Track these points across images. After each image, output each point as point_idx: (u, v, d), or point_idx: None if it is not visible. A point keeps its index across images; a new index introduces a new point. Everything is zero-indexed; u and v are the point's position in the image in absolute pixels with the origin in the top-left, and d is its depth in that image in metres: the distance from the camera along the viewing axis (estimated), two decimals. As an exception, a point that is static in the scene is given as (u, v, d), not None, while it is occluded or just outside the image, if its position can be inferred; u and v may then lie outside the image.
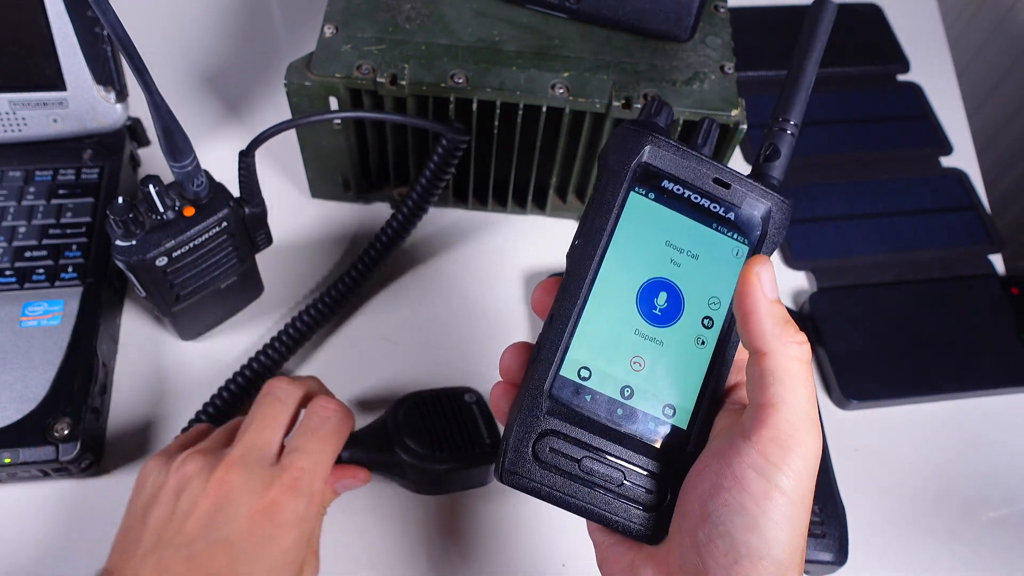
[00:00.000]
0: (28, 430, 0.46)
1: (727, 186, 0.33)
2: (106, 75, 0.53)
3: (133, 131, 0.60)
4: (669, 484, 0.32)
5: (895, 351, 0.56)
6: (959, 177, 0.66)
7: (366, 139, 0.56)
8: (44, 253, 0.52)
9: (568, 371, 0.32)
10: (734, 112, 0.50)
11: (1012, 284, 0.60)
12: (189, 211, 0.45)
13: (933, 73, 0.73)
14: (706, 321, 0.33)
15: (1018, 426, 0.56)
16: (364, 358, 0.55)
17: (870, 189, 0.65)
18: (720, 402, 0.33)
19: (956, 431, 0.55)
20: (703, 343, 0.33)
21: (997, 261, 0.62)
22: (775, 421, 0.29)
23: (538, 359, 0.32)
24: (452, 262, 0.60)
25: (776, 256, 0.62)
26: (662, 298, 0.33)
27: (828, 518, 0.48)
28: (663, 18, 0.51)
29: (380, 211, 0.62)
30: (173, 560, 0.37)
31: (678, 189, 0.33)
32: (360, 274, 0.55)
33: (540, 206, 0.61)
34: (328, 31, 0.51)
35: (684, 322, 0.33)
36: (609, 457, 0.32)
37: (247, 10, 0.72)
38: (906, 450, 0.54)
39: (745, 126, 0.50)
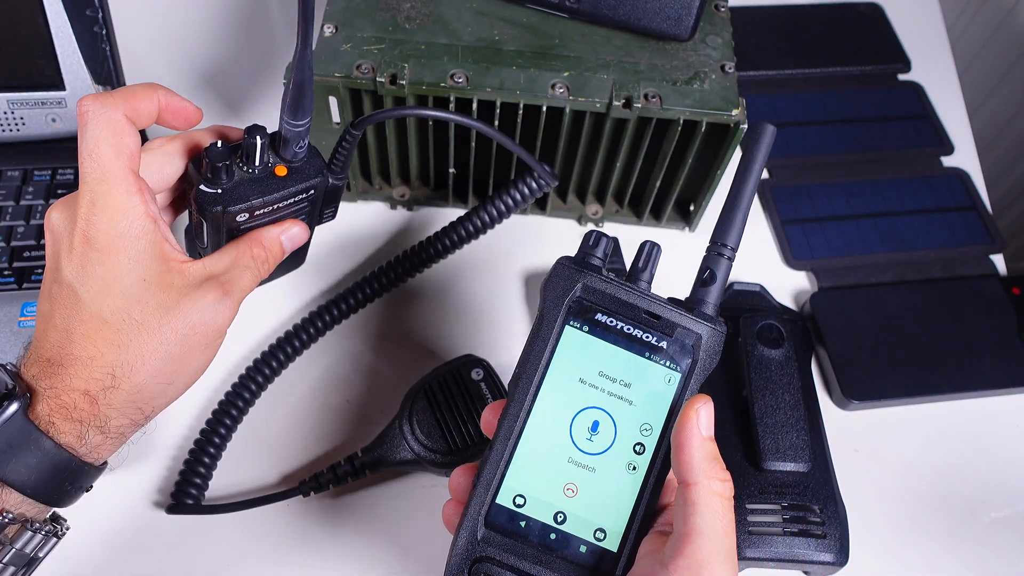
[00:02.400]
0: (27, 431, 0.46)
1: (657, 317, 0.35)
2: (105, 74, 0.53)
3: (132, 131, 0.60)
4: None
5: (896, 351, 0.56)
6: (960, 177, 0.66)
7: (366, 139, 0.56)
8: (43, 253, 0.52)
9: (504, 498, 0.34)
10: (735, 112, 0.50)
11: (1013, 284, 0.60)
12: (281, 170, 0.42)
13: (934, 72, 0.73)
14: (638, 447, 0.35)
15: (1019, 427, 0.56)
16: (363, 358, 0.55)
17: (871, 189, 0.65)
18: (649, 525, 0.35)
19: (957, 432, 0.55)
20: (634, 468, 0.35)
21: (998, 261, 0.62)
22: (691, 551, 0.31)
23: (478, 484, 0.34)
24: (452, 262, 0.59)
25: (776, 256, 0.62)
26: (595, 426, 0.35)
27: (829, 519, 0.48)
28: (663, 17, 0.51)
29: (380, 211, 0.62)
30: (46, 315, 0.36)
31: (611, 321, 0.35)
32: (389, 281, 0.56)
33: (540, 206, 0.61)
34: (328, 30, 0.51)
35: (616, 448, 0.35)
36: None
37: (247, 10, 0.72)
38: (907, 451, 0.54)
39: (745, 126, 0.50)
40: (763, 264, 0.61)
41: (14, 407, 0.33)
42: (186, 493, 0.48)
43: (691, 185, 0.58)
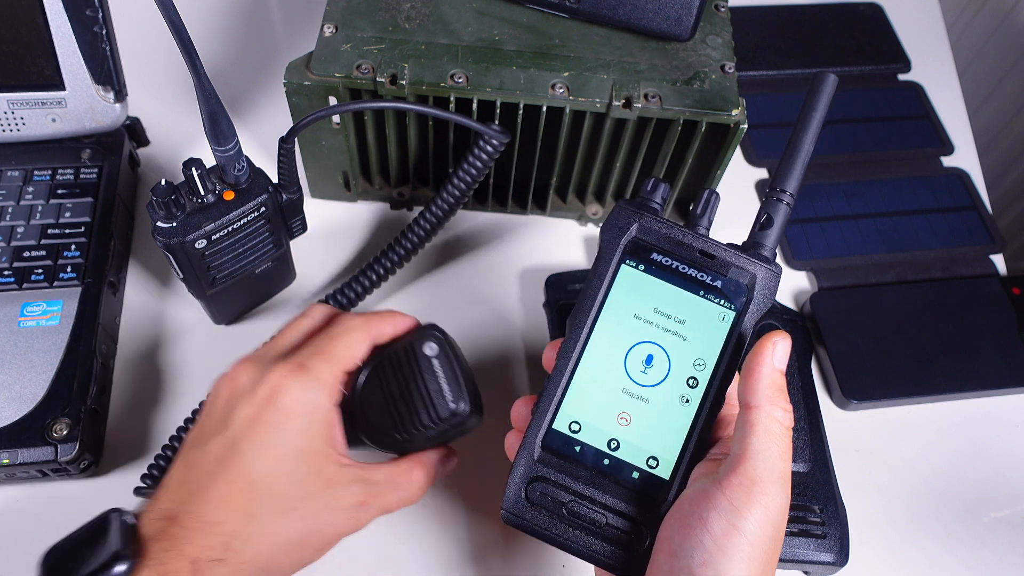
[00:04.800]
0: (27, 431, 0.46)
1: (712, 257, 0.37)
2: (105, 75, 0.53)
3: (132, 131, 0.60)
4: (648, 528, 0.35)
5: (896, 351, 0.56)
6: (960, 177, 0.66)
7: (366, 139, 0.56)
8: (43, 253, 0.52)
9: (560, 424, 0.36)
10: (735, 112, 0.50)
11: (1013, 284, 0.60)
12: (229, 195, 0.46)
13: (934, 73, 0.73)
14: (691, 381, 0.36)
15: (1019, 427, 0.56)
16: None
17: (871, 189, 0.65)
18: (701, 454, 0.36)
19: (957, 432, 0.55)
20: (687, 401, 0.36)
21: (998, 261, 0.62)
22: (744, 469, 0.32)
23: (536, 412, 0.36)
24: (452, 262, 0.59)
25: (777, 256, 0.62)
26: (649, 359, 0.36)
27: (829, 519, 0.48)
28: (663, 17, 0.51)
29: (380, 211, 0.61)
30: (192, 464, 0.35)
31: (666, 260, 0.37)
32: (378, 276, 0.54)
33: (540, 206, 0.61)
34: (328, 30, 0.51)
35: (670, 381, 0.36)
36: (593, 502, 0.35)
37: (247, 10, 0.72)
38: (907, 450, 0.54)
39: (745, 126, 0.50)
40: (763, 264, 0.61)
41: (120, 569, 0.32)
42: None
43: (691, 185, 0.58)
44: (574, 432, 0.36)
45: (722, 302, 0.36)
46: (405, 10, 0.53)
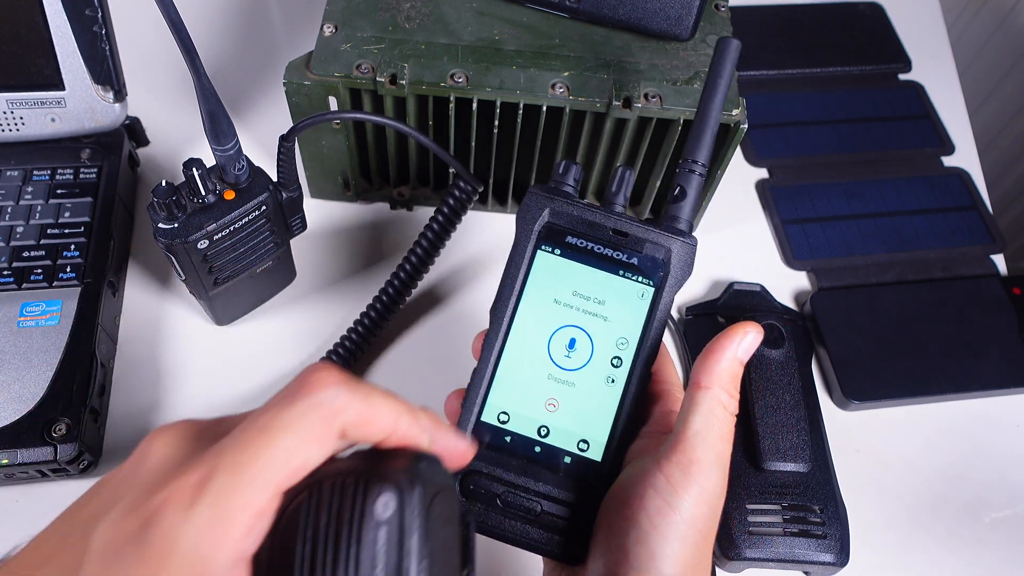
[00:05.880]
0: (26, 431, 0.46)
1: (625, 235, 0.36)
2: (104, 74, 0.53)
3: (131, 130, 0.60)
4: (584, 511, 0.34)
5: (896, 351, 0.56)
6: (961, 177, 0.66)
7: (366, 139, 0.56)
8: (42, 253, 0.52)
9: (488, 416, 0.36)
10: (735, 112, 0.50)
11: (1014, 284, 0.59)
12: (229, 195, 0.46)
13: (935, 72, 0.72)
14: (615, 361, 0.36)
15: (1019, 427, 0.56)
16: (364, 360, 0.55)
17: (871, 189, 0.65)
18: (633, 433, 0.36)
19: (958, 432, 0.55)
20: (613, 381, 0.36)
21: (999, 261, 0.62)
22: (683, 448, 0.31)
23: (464, 405, 0.36)
24: (452, 262, 0.59)
25: (777, 256, 0.62)
26: (572, 343, 0.36)
27: (829, 519, 0.48)
28: (664, 17, 0.51)
29: (380, 211, 0.61)
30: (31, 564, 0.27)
31: (580, 242, 0.37)
32: (368, 330, 0.53)
33: (540, 206, 0.61)
34: (327, 30, 0.51)
35: (594, 363, 0.36)
36: (527, 491, 0.35)
37: (247, 10, 0.72)
38: (907, 451, 0.54)
39: (745, 125, 0.50)
40: (763, 264, 0.61)
41: None
42: None
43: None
44: (503, 423, 0.36)
45: (640, 279, 0.36)
46: (405, 10, 0.52)
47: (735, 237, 0.62)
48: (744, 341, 0.33)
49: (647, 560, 0.30)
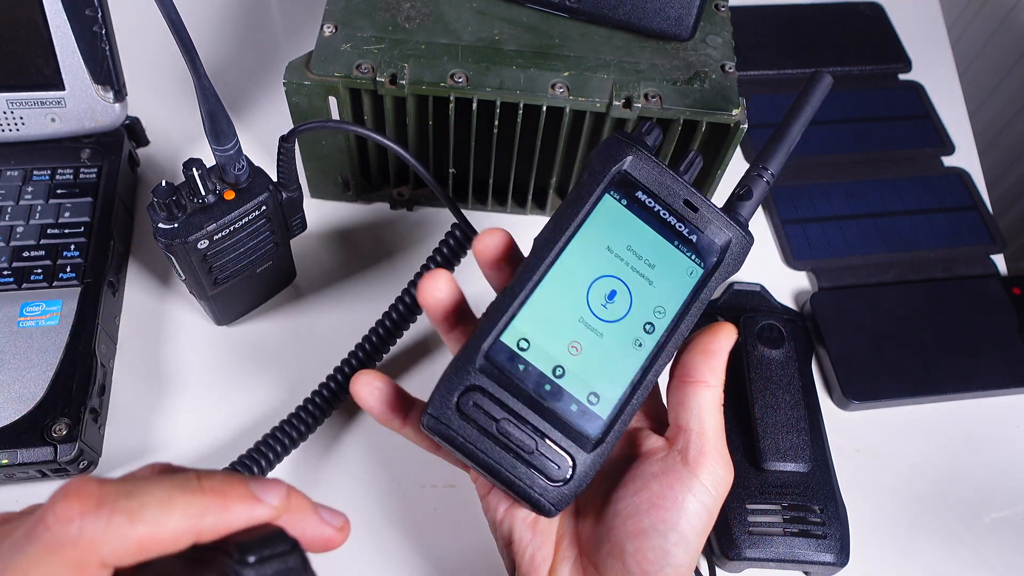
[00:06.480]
0: (26, 431, 0.46)
1: (695, 209, 0.36)
2: (104, 74, 0.53)
3: (131, 130, 0.60)
4: (578, 464, 0.33)
5: (896, 351, 0.56)
6: (961, 177, 0.66)
7: (366, 140, 0.56)
8: (42, 253, 0.52)
9: (508, 338, 0.34)
10: (735, 112, 0.50)
11: (1014, 284, 0.59)
12: (229, 195, 0.46)
13: (935, 72, 0.72)
14: (647, 326, 0.35)
15: (1020, 427, 0.56)
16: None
17: (871, 189, 0.65)
18: (641, 404, 0.35)
19: (958, 432, 0.55)
20: (641, 345, 0.35)
21: (999, 261, 0.62)
22: (711, 450, 0.34)
23: (485, 319, 0.34)
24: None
25: (777, 256, 0.62)
26: (612, 295, 0.35)
27: (829, 519, 0.48)
28: (664, 17, 0.51)
29: (380, 211, 0.61)
30: None
31: (649, 202, 0.36)
32: (360, 362, 0.51)
33: (540, 206, 0.61)
34: (327, 30, 0.51)
35: (627, 322, 0.35)
36: (526, 425, 0.33)
37: (247, 10, 0.72)
38: (907, 451, 0.54)
39: (746, 126, 0.50)
40: (763, 264, 0.61)
41: None
42: None
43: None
44: (522, 350, 0.34)
45: (694, 256, 0.36)
46: (405, 10, 0.52)
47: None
48: (731, 342, 0.35)
49: (683, 556, 0.33)
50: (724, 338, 0.35)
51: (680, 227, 0.36)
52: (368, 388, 0.37)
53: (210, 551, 0.22)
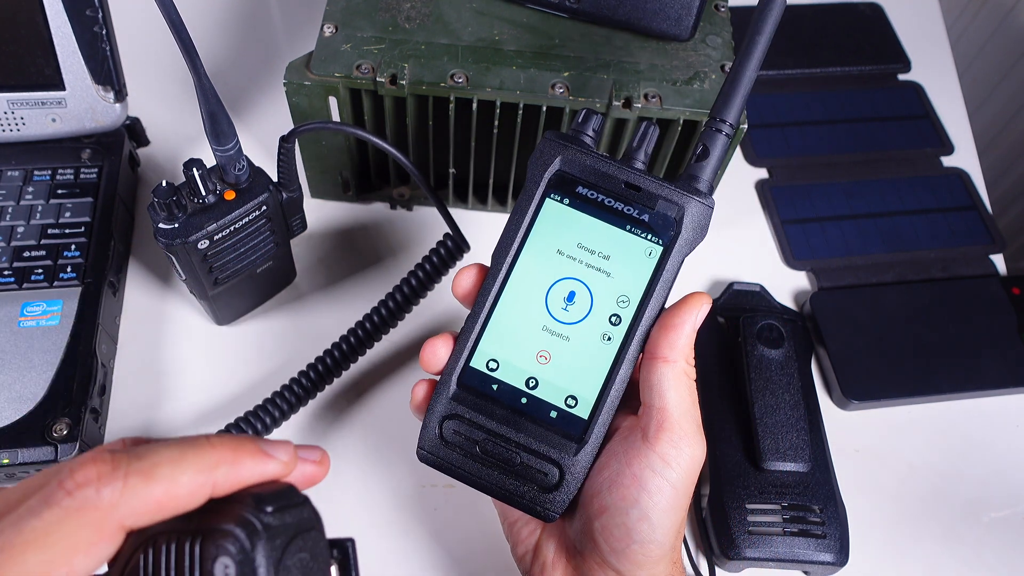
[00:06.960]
0: (27, 430, 0.46)
1: (638, 189, 0.35)
2: (105, 75, 0.53)
3: (132, 131, 0.60)
4: (565, 469, 0.34)
5: (896, 351, 0.56)
6: (960, 177, 0.66)
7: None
8: (43, 253, 0.52)
9: (477, 362, 0.35)
10: (735, 112, 0.50)
11: (1013, 284, 0.59)
12: (230, 195, 0.46)
13: (934, 72, 0.72)
14: (613, 318, 0.35)
15: (1019, 427, 0.56)
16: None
17: (871, 189, 0.65)
18: (624, 396, 0.35)
19: (957, 432, 0.55)
20: (609, 339, 0.35)
21: (998, 261, 0.62)
22: (670, 425, 0.33)
23: (454, 350, 0.35)
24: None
25: (776, 256, 0.62)
26: (571, 296, 0.35)
27: (829, 519, 0.48)
28: (663, 17, 0.51)
29: (380, 211, 0.61)
30: None
31: (591, 194, 0.35)
32: (328, 369, 0.50)
33: (540, 206, 0.61)
34: (327, 30, 0.51)
35: (591, 319, 0.35)
36: (507, 441, 0.34)
37: (247, 10, 0.72)
38: (907, 451, 0.54)
39: (745, 126, 0.50)
40: (763, 264, 0.61)
41: None
42: None
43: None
44: (491, 370, 0.35)
45: (649, 236, 0.35)
46: (405, 10, 0.53)
47: (735, 237, 0.62)
48: (699, 314, 0.34)
49: (649, 532, 0.32)
50: (686, 311, 0.34)
51: (628, 210, 0.35)
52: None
53: (227, 504, 0.23)
